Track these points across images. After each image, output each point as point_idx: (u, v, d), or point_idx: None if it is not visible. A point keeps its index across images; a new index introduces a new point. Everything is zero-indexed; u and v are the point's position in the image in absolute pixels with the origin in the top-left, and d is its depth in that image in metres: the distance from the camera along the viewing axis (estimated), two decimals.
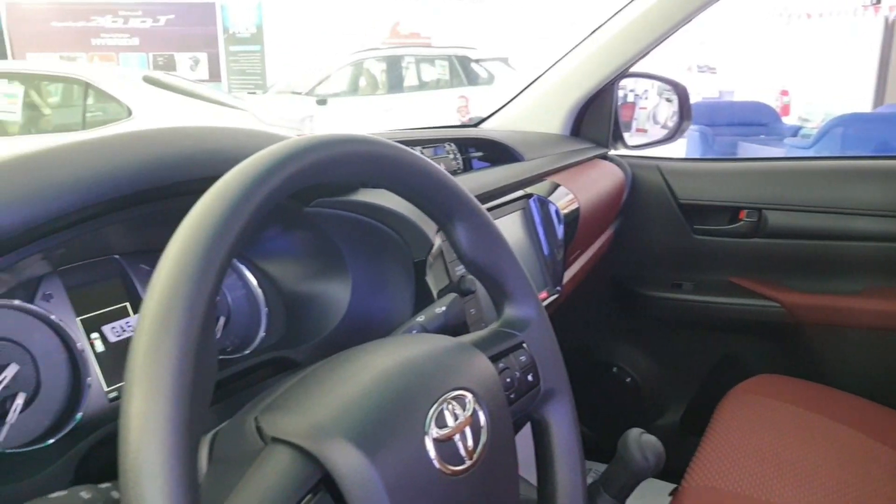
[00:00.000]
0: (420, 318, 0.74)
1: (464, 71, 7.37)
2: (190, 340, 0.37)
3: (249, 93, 8.84)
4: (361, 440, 0.44)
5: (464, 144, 1.19)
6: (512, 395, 0.62)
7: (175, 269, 0.38)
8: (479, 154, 1.23)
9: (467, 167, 1.20)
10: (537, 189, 1.17)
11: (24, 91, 5.01)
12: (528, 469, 0.69)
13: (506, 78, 7.28)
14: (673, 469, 1.18)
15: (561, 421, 0.67)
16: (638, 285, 1.75)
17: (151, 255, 0.76)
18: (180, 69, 8.77)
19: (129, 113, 5.01)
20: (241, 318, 0.83)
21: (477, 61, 7.43)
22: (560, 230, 1.14)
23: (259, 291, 0.84)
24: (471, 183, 1.02)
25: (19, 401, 0.61)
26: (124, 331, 0.70)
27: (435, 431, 0.48)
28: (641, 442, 0.91)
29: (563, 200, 1.22)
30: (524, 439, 0.68)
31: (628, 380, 1.87)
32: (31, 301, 0.65)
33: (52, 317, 0.65)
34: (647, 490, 1.74)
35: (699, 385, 1.78)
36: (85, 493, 0.39)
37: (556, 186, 1.24)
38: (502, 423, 0.55)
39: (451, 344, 0.58)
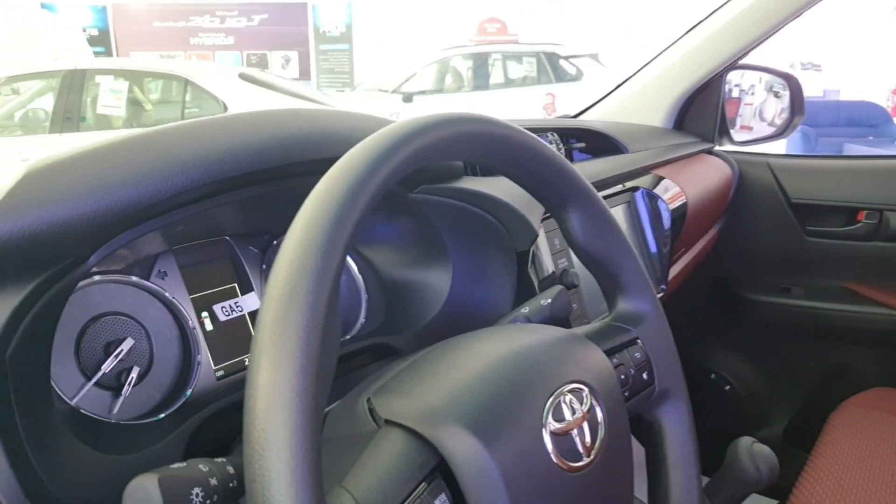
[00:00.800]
0: (524, 310, 0.71)
1: (552, 68, 7.27)
2: (318, 313, 0.35)
3: (338, 90, 9.02)
4: (477, 427, 0.42)
5: (565, 134, 1.16)
6: (626, 393, 0.58)
7: (305, 239, 0.37)
8: (581, 145, 1.19)
9: (569, 158, 1.16)
10: (642, 182, 1.12)
11: (127, 87, 5.25)
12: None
13: (595, 75, 7.13)
14: (776, 485, 1.11)
15: (676, 424, 0.63)
16: (742, 288, 1.66)
17: (260, 237, 0.76)
18: (272, 67, 9.03)
19: (225, 108, 5.19)
20: (342, 304, 0.82)
21: (565, 58, 7.30)
22: (667, 225, 1.09)
23: (360, 278, 0.83)
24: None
25: (134, 374, 0.62)
26: (233, 311, 0.71)
27: (553, 424, 0.45)
28: (753, 451, 0.85)
29: (670, 194, 1.16)
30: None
31: (727, 388, 1.78)
32: (146, 278, 0.66)
33: (167, 294, 0.66)
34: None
35: (807, 397, 1.67)
36: (203, 466, 0.38)
37: (661, 180, 1.18)
38: (619, 420, 0.52)
39: (564, 335, 0.55)
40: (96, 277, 0.62)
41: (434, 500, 0.40)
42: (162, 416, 0.62)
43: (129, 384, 0.62)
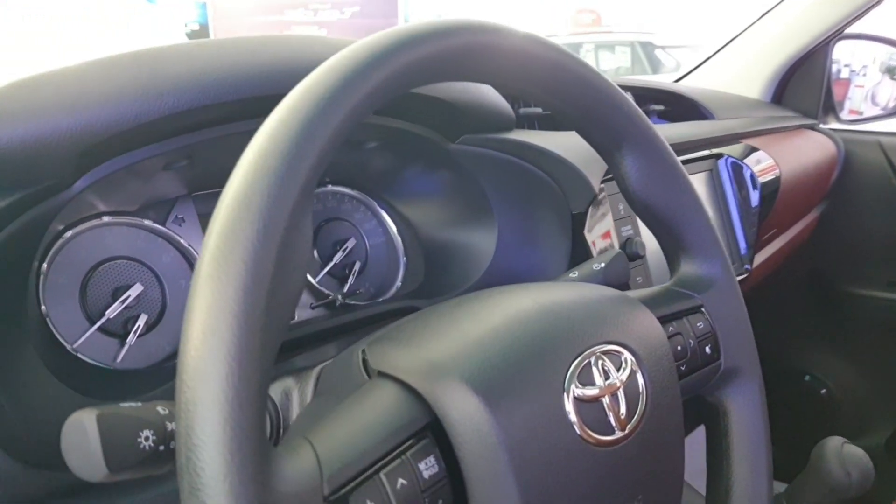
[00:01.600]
0: (573, 274, 0.62)
1: (647, 58, 6.98)
2: (272, 227, 0.28)
3: None
4: (481, 385, 0.34)
5: (642, 96, 1.05)
6: (683, 367, 0.49)
7: (267, 142, 0.30)
8: (660, 108, 1.08)
9: None
10: (730, 151, 1.00)
11: None
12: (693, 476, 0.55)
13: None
14: (874, 500, 0.98)
15: (745, 409, 0.53)
16: (844, 282, 1.49)
17: None
18: None
19: None
20: (379, 266, 0.76)
21: (662, 48, 7.01)
22: (755, 199, 0.96)
23: (398, 240, 0.77)
24: None
25: (141, 322, 0.58)
26: None
27: (577, 389, 0.37)
28: (843, 453, 0.73)
29: (762, 166, 1.03)
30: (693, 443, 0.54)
31: (823, 391, 1.61)
32: (162, 223, 0.62)
33: (182, 241, 0.62)
34: None
35: None
36: (162, 409, 0.32)
37: (753, 150, 1.06)
38: (668, 394, 0.43)
39: (609, 293, 0.46)
40: (105, 219, 0.58)
41: (419, 462, 0.33)
42: (169, 365, 0.57)
43: (136, 332, 0.57)
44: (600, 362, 0.39)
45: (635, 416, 0.40)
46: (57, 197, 0.45)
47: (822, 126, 1.45)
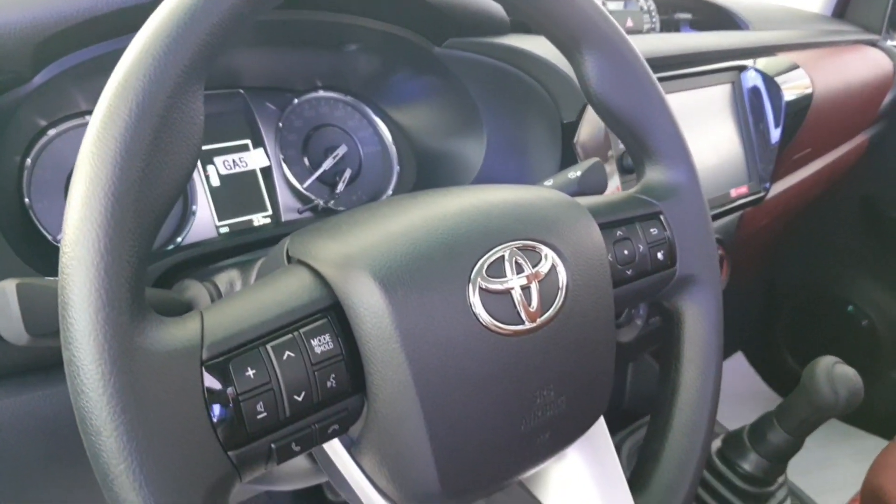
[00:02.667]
0: (548, 182, 0.61)
1: None
2: (148, 107, 0.30)
3: None
4: (382, 272, 0.36)
5: (668, 4, 1.00)
6: (629, 272, 0.49)
7: (152, 26, 0.31)
8: (688, 17, 1.02)
9: (674, 30, 1.01)
10: (759, 64, 0.95)
11: None
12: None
13: None
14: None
15: (699, 315, 0.53)
16: (894, 209, 1.42)
17: (279, 94, 0.72)
18: None
19: None
20: (372, 174, 0.77)
21: None
22: (779, 116, 0.92)
23: (393, 149, 0.77)
24: (665, 43, 0.84)
25: None
26: (236, 165, 0.67)
27: (484, 281, 0.38)
28: (833, 373, 0.72)
29: (793, 83, 0.97)
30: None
31: (865, 322, 1.55)
32: None
33: None
34: (855, 442, 1.47)
35: None
36: None
37: (791, 66, 0.99)
38: (595, 294, 0.43)
39: (548, 195, 0.46)
40: (88, 118, 0.60)
41: (311, 339, 0.34)
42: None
43: None
44: (515, 258, 0.39)
45: (550, 310, 0.40)
46: (18, 90, 0.48)
47: (883, 42, 1.35)
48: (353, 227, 0.39)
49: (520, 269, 0.39)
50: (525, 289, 0.39)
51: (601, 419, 0.48)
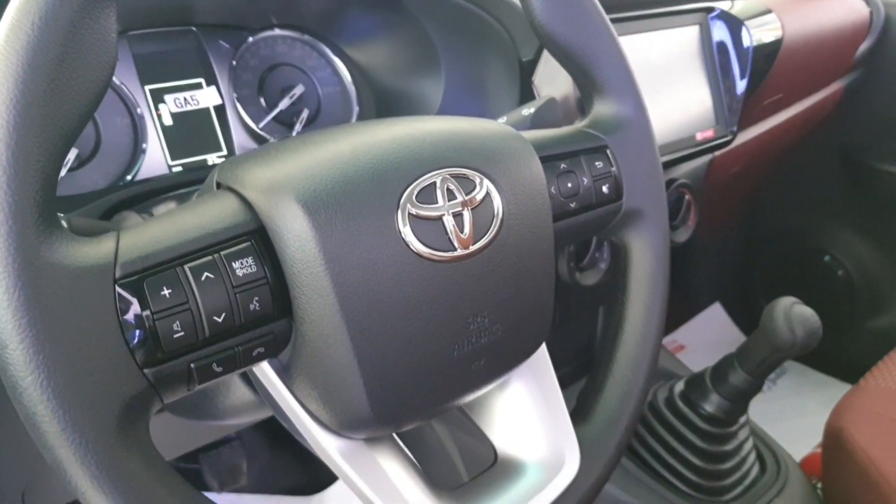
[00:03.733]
0: (501, 120, 0.61)
1: None
2: (54, 20, 0.30)
3: None
4: (307, 196, 0.35)
5: None
6: (573, 204, 0.48)
7: None
8: None
9: None
10: (731, 7, 0.93)
11: None
12: None
13: None
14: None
15: (645, 249, 0.53)
16: (873, 158, 1.41)
17: (233, 32, 0.71)
18: None
19: None
20: (331, 115, 0.76)
21: None
22: (745, 61, 0.91)
23: (353, 89, 0.76)
24: None
25: (71, 155, 0.60)
26: (187, 103, 0.66)
27: (413, 207, 0.37)
28: (791, 313, 0.72)
29: (763, 27, 0.96)
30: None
31: (840, 272, 1.56)
32: None
33: (114, 78, 0.63)
34: (827, 391, 1.50)
35: None
36: None
37: (763, 10, 0.98)
38: (532, 223, 0.42)
39: (489, 125, 0.45)
40: None
41: (233, 262, 0.34)
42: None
43: (66, 166, 0.60)
44: (447, 185, 0.39)
45: (483, 238, 0.40)
46: None
47: None
48: (282, 154, 0.39)
49: (452, 197, 0.39)
50: (457, 216, 0.39)
51: (544, 351, 0.48)
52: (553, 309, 0.47)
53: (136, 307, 0.31)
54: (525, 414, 0.47)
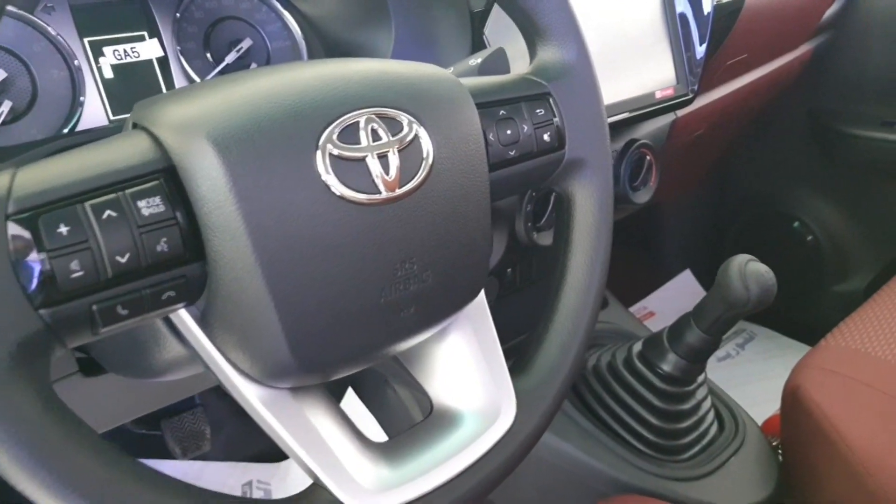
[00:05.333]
0: (448, 70, 0.59)
1: None
2: None
3: None
4: (219, 135, 0.34)
5: None
6: (513, 152, 0.47)
7: None
8: None
9: None
10: None
11: None
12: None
13: None
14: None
15: (588, 199, 0.52)
16: (841, 122, 1.41)
17: None
18: None
19: None
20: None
21: None
22: (703, 19, 0.89)
23: (303, 43, 0.74)
24: None
25: (4, 108, 0.58)
26: (127, 55, 0.64)
27: (334, 147, 0.36)
28: (746, 270, 0.72)
29: None
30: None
31: (810, 238, 1.57)
32: (30, 11, 0.60)
33: (51, 30, 0.60)
34: (795, 355, 1.51)
35: None
36: None
37: None
38: (465, 169, 0.41)
39: (424, 69, 0.44)
40: None
41: (138, 200, 0.33)
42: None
43: (1, 116, 0.58)
44: (372, 125, 0.38)
45: (412, 182, 0.39)
46: None
47: None
48: (199, 93, 0.37)
49: (377, 137, 0.38)
50: (383, 157, 0.38)
51: (482, 302, 0.48)
52: (488, 259, 0.46)
53: (30, 244, 0.30)
54: (462, 365, 0.47)
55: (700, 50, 0.88)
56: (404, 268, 0.39)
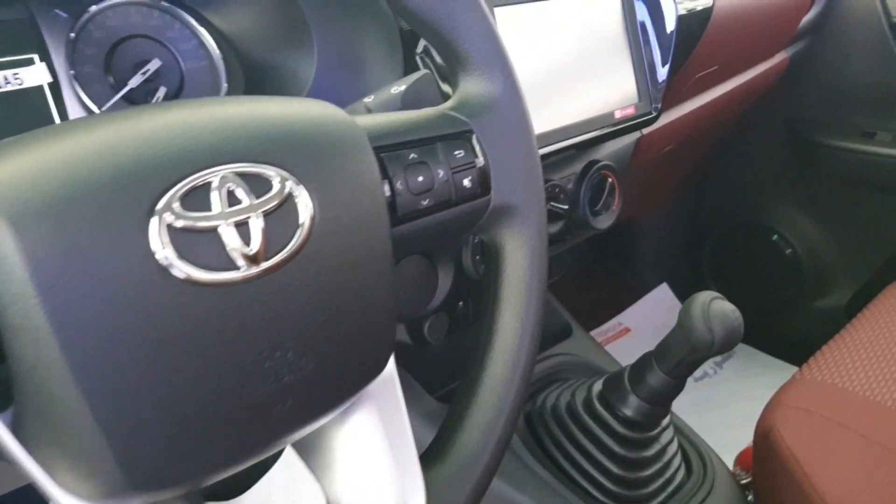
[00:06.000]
0: (367, 100, 0.53)
1: None
2: None
3: None
4: (20, 217, 0.27)
5: None
6: (426, 202, 0.41)
7: None
8: None
9: None
10: None
11: None
12: None
13: None
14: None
15: (517, 248, 0.45)
16: (821, 132, 1.35)
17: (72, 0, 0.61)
18: None
19: None
20: (196, 93, 0.67)
21: None
22: (664, 33, 0.83)
23: (222, 64, 0.67)
24: None
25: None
26: (8, 82, 0.57)
27: (174, 216, 0.29)
28: (709, 309, 0.66)
29: None
30: None
31: (789, 251, 1.52)
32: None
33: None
34: (774, 374, 1.45)
35: (880, 265, 1.39)
36: None
37: None
38: (357, 229, 0.35)
39: (307, 109, 0.37)
40: None
41: None
42: None
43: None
44: (228, 186, 0.31)
45: (282, 251, 0.32)
46: None
47: None
48: (12, 152, 0.30)
49: (234, 201, 0.31)
50: (241, 225, 0.31)
51: (391, 376, 0.41)
52: (394, 330, 0.39)
53: None
54: (364, 454, 0.40)
55: (662, 72, 0.82)
56: (274, 357, 0.33)
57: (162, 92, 0.64)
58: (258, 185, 0.32)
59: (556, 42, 0.73)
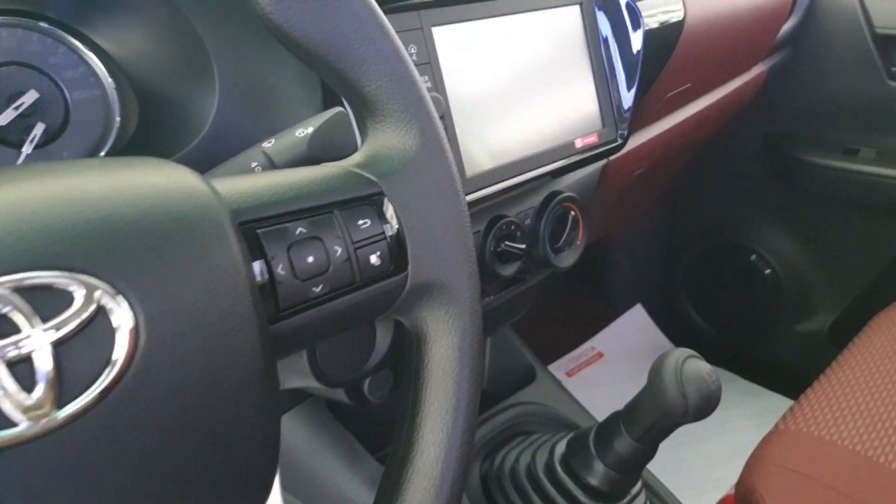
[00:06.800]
0: (267, 144, 0.44)
1: None
2: None
3: None
4: None
5: None
6: (318, 288, 0.32)
7: None
8: None
9: None
10: None
11: None
12: None
13: None
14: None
15: (443, 335, 0.37)
16: (799, 148, 1.29)
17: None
18: None
19: None
20: (83, 128, 0.57)
21: None
22: (630, 53, 0.75)
23: (115, 94, 0.57)
24: None
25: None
26: None
27: None
28: (683, 371, 0.58)
29: (658, 7, 0.81)
30: None
31: (768, 272, 1.45)
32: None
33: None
34: (756, 403, 1.39)
35: (864, 288, 1.32)
36: None
37: None
38: (207, 344, 0.26)
39: (139, 179, 0.28)
40: None
41: None
42: None
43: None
44: (3, 307, 0.22)
45: (84, 394, 0.23)
46: None
47: None
48: None
49: (10, 329, 0.22)
50: (20, 363, 0.22)
51: None
52: (275, 460, 0.30)
53: None
54: None
55: (628, 97, 0.73)
56: None
57: (40, 129, 0.54)
58: (50, 303, 0.23)
59: (506, 64, 0.64)
